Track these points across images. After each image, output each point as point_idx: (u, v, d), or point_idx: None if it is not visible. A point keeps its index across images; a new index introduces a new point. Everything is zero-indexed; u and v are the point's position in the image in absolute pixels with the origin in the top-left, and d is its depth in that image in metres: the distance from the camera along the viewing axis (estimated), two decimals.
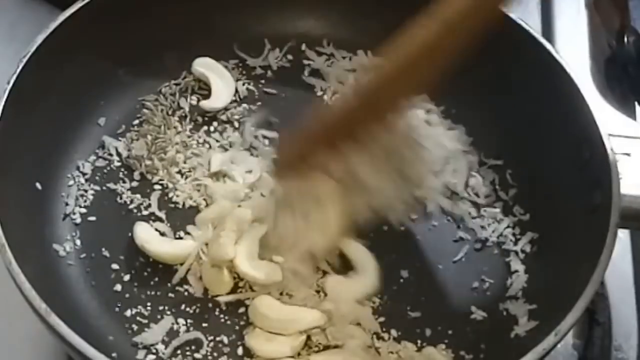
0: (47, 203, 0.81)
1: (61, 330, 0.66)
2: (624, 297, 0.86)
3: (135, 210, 0.83)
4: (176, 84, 0.91)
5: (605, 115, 0.80)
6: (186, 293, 0.77)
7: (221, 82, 0.90)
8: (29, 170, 0.80)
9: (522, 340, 0.75)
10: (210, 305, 0.77)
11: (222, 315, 0.77)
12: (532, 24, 1.04)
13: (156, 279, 0.78)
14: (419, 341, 0.76)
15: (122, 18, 0.86)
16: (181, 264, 0.78)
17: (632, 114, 0.95)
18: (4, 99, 0.76)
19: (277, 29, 0.94)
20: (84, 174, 0.84)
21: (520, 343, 0.75)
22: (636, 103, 0.97)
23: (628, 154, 0.78)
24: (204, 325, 0.76)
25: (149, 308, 0.77)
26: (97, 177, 0.84)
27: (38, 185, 0.80)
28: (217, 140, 0.88)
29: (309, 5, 0.94)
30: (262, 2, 0.93)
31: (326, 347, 0.75)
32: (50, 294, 0.69)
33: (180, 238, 0.81)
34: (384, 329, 0.76)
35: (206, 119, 0.89)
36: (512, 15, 0.85)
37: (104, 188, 0.84)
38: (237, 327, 0.76)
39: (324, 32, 0.94)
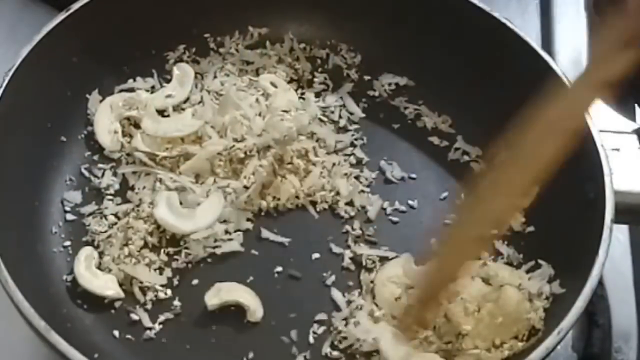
0: (40, 218, 0.80)
1: (61, 348, 0.66)
2: (624, 298, 0.86)
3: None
4: None
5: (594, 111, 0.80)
6: None
7: None
8: (23, 183, 0.79)
9: None
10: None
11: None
12: (531, 27, 1.04)
13: None
14: None
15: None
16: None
17: (632, 116, 0.95)
18: None
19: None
20: (75, 187, 0.83)
21: None
22: (636, 105, 0.97)
23: (617, 149, 0.78)
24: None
25: None
26: (88, 189, 0.83)
27: (32, 199, 0.80)
28: None
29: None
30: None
31: None
32: (48, 310, 0.69)
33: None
34: None
35: None
36: (511, 25, 0.85)
37: (96, 201, 0.83)
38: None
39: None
